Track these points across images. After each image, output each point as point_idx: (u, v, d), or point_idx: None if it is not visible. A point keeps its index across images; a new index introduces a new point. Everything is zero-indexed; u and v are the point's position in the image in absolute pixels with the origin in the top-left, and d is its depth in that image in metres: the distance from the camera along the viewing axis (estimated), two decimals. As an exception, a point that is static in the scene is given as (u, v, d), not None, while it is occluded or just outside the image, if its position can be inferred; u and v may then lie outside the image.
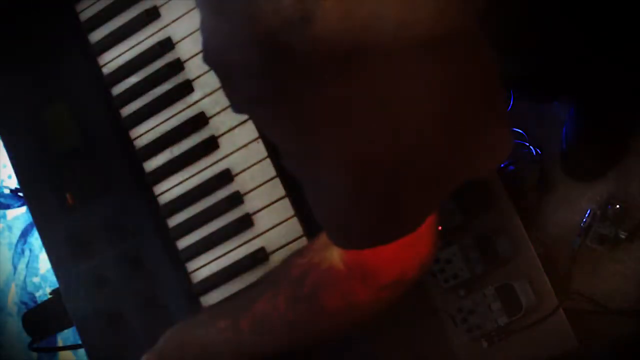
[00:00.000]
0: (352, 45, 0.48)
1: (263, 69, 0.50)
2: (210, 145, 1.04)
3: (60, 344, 2.06)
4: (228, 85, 0.55)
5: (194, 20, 1.07)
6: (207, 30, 0.54)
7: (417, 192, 0.57)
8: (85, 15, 1.14)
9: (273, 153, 1.01)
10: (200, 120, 1.05)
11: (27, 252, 2.41)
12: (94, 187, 1.08)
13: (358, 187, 0.55)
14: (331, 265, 0.68)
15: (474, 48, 0.54)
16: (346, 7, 0.48)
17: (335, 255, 0.67)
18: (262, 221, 1.01)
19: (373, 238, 0.60)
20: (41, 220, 1.09)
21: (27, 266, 2.40)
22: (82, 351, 1.07)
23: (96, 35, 1.13)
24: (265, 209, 1.01)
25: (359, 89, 0.50)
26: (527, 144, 1.59)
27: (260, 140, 1.02)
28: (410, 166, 0.55)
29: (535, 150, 1.58)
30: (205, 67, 0.95)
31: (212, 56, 0.54)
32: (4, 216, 2.50)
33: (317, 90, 0.50)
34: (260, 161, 1.02)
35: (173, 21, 1.09)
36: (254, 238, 1.01)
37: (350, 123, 0.52)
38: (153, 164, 1.08)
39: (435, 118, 0.53)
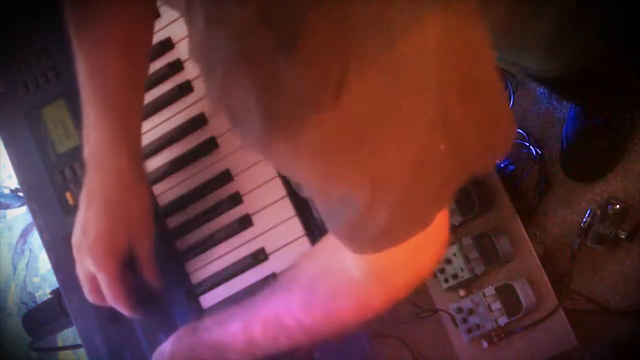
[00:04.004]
0: (343, 66, 0.48)
1: (261, 103, 0.50)
2: (210, 145, 1.04)
3: (60, 344, 2.07)
4: (236, 128, 0.55)
5: (194, 20, 1.07)
6: (207, 83, 0.55)
7: (427, 194, 0.57)
8: (85, 15, 1.14)
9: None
10: (200, 120, 1.06)
11: (27, 252, 2.41)
12: (94, 187, 1.08)
13: (371, 201, 0.55)
14: (345, 269, 0.69)
15: (470, 48, 0.54)
16: (334, 23, 0.47)
17: (348, 259, 0.67)
18: (262, 221, 1.01)
19: (385, 241, 0.60)
20: (41, 220, 1.09)
21: (27, 266, 2.40)
22: (82, 351, 1.07)
23: (96, 35, 1.13)
24: (265, 209, 1.01)
25: (360, 105, 0.49)
26: (527, 144, 1.59)
27: (260, 140, 1.02)
28: (420, 174, 0.55)
29: (535, 150, 1.58)
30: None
31: (216, 102, 0.54)
32: (4, 216, 2.50)
33: (317, 115, 0.49)
34: (260, 161, 1.02)
35: (173, 21, 1.09)
36: (254, 238, 1.01)
37: (357, 142, 0.51)
38: (153, 164, 1.08)
39: (438, 123, 0.53)
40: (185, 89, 1.07)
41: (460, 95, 0.53)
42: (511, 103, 1.64)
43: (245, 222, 1.01)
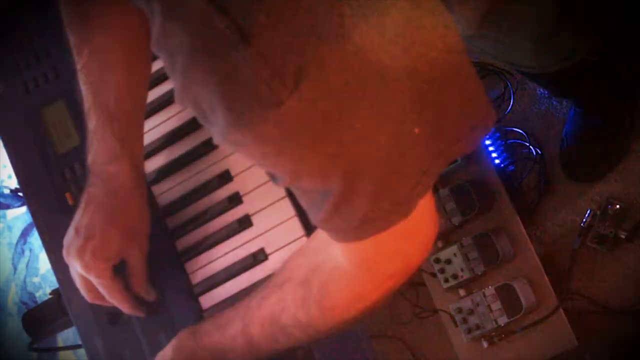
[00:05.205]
0: (300, 59, 0.47)
1: (222, 99, 0.50)
2: (210, 145, 1.04)
3: (60, 344, 2.07)
4: (205, 121, 0.55)
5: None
6: (171, 78, 0.55)
7: (404, 179, 0.57)
8: (85, 15, 1.14)
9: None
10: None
11: (27, 252, 2.41)
12: (94, 187, 1.08)
13: (346, 190, 0.55)
14: (335, 263, 0.69)
15: (434, 31, 0.53)
16: (281, 21, 0.47)
17: (338, 253, 0.67)
18: (262, 221, 1.01)
19: (367, 229, 0.60)
20: (41, 220, 1.09)
21: (27, 266, 2.40)
22: (82, 351, 1.07)
23: (96, 35, 1.13)
24: (265, 209, 1.01)
25: (321, 97, 0.49)
26: (527, 144, 1.59)
27: (260, 140, 1.02)
28: (395, 159, 0.54)
29: (535, 150, 1.58)
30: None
31: (182, 98, 0.54)
32: (4, 216, 2.50)
33: (278, 108, 0.49)
34: (260, 161, 1.02)
35: (173, 21, 1.09)
36: (253, 238, 1.01)
37: (321, 134, 0.51)
38: (153, 164, 1.08)
39: (408, 108, 0.53)
40: (185, 89, 1.07)
41: (431, 77, 0.53)
42: (511, 103, 1.64)
43: (245, 222, 1.01)
